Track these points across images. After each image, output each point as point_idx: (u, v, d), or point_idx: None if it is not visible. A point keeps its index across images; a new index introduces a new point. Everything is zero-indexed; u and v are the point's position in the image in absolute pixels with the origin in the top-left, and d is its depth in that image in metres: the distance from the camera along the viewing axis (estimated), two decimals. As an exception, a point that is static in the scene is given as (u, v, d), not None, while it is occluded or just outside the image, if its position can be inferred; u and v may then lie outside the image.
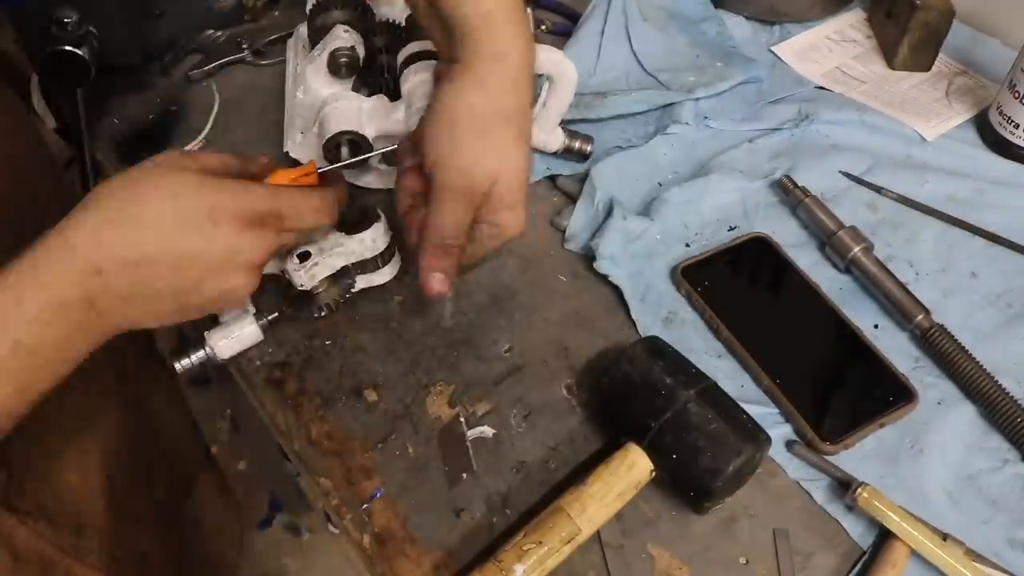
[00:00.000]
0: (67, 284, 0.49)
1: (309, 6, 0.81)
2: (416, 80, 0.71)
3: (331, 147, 0.73)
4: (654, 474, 0.59)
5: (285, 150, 0.80)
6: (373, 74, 0.82)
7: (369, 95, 0.76)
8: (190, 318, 0.56)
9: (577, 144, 0.81)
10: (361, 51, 0.78)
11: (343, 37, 0.77)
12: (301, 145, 0.79)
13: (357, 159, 0.71)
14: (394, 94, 0.76)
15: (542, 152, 0.81)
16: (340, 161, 0.71)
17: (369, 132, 0.74)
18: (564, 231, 0.78)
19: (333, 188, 0.61)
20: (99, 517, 0.76)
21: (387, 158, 0.77)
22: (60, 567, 0.70)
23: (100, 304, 0.50)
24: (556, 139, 0.80)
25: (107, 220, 0.50)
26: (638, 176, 0.82)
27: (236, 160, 0.60)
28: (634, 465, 0.59)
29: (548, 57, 0.73)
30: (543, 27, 0.95)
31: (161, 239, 0.51)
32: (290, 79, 0.85)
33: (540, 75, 0.75)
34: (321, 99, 0.77)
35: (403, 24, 0.81)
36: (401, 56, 0.75)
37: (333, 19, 0.79)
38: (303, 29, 0.84)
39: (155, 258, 0.51)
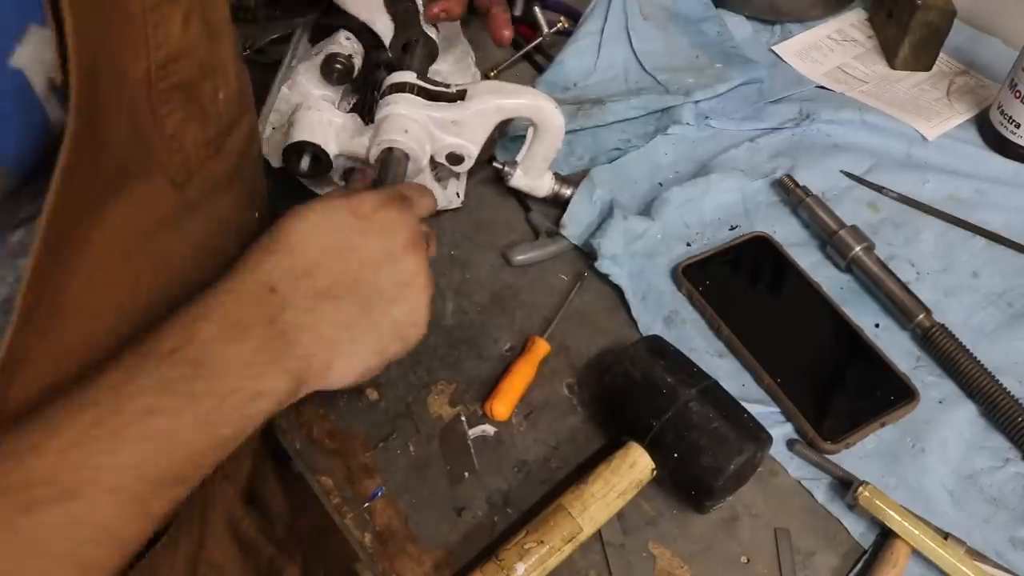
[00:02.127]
0: (245, 303, 0.47)
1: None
2: (388, 111, 0.68)
3: (290, 153, 0.71)
4: (655, 473, 0.60)
5: None
6: (365, 89, 0.78)
7: (352, 109, 0.74)
8: (388, 346, 0.53)
9: (568, 192, 0.78)
10: (358, 62, 0.76)
11: (343, 44, 0.76)
12: (267, 140, 0.76)
13: None
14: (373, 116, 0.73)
15: (531, 196, 0.79)
16: (297, 168, 0.71)
17: (332, 148, 0.71)
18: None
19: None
20: None
21: (347, 177, 0.75)
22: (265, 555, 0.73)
23: (281, 321, 0.47)
24: (544, 185, 0.77)
25: (263, 249, 0.49)
26: (639, 176, 0.82)
27: None
28: (635, 464, 0.59)
29: (530, 103, 0.69)
30: (559, 24, 0.95)
31: (320, 246, 0.50)
32: (282, 71, 0.82)
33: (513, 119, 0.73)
34: (302, 100, 0.74)
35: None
36: (386, 82, 0.71)
37: (339, 23, 0.77)
38: (309, 25, 0.82)
39: (321, 263, 0.50)
